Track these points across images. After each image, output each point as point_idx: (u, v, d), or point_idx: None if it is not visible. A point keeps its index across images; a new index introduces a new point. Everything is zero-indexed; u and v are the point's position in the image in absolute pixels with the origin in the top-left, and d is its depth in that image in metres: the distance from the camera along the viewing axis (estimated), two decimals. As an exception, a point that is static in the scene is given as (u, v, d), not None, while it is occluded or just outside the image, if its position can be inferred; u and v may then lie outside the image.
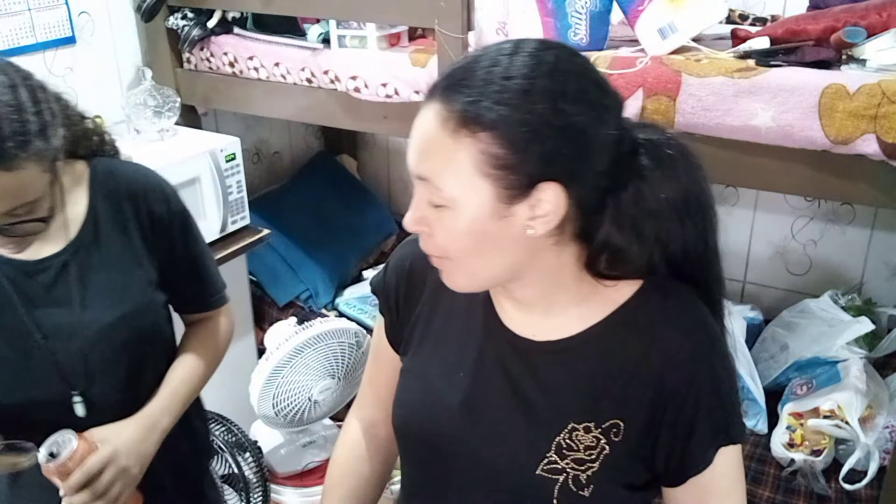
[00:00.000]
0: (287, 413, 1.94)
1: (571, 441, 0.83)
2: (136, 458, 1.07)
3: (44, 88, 0.98)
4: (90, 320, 1.07)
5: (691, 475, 0.84)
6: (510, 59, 0.74)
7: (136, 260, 1.12)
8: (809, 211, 2.26)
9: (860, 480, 1.67)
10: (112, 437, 1.06)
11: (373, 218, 2.80)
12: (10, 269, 1.05)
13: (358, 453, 1.08)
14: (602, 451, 0.83)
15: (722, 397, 0.83)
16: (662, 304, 0.84)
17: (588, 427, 0.83)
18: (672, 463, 0.84)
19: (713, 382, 0.82)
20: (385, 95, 1.82)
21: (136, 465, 1.07)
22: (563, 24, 1.62)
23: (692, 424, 0.82)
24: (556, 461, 0.83)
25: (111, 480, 1.03)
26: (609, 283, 0.84)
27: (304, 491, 2.03)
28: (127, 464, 1.05)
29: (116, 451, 1.05)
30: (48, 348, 1.05)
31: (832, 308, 2.05)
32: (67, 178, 1.08)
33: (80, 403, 1.08)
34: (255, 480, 1.76)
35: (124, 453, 1.05)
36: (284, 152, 2.84)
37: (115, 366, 1.10)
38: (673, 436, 0.83)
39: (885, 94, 1.29)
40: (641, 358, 0.82)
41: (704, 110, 1.44)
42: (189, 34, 2.06)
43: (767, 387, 1.97)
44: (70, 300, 1.06)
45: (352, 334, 1.95)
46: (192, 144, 1.98)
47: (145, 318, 1.13)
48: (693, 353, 0.82)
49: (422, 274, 0.95)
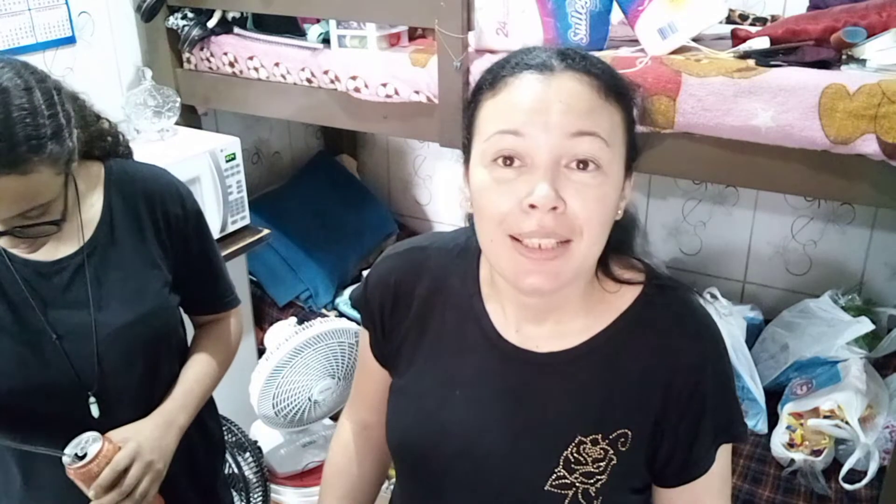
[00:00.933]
0: (287, 413, 1.94)
1: (579, 455, 0.82)
2: (160, 453, 1.07)
3: (59, 90, 0.98)
4: (104, 321, 1.07)
5: (695, 476, 0.84)
6: (587, 52, 0.80)
7: (152, 261, 1.12)
8: (809, 211, 2.26)
9: (860, 480, 1.67)
10: (133, 435, 1.06)
11: (373, 218, 2.80)
12: (27, 269, 1.05)
13: (351, 454, 1.07)
14: (610, 462, 0.82)
15: (726, 397, 0.84)
16: (666, 309, 0.84)
17: (595, 439, 0.82)
18: (674, 463, 0.83)
19: (718, 383, 0.83)
20: (385, 95, 1.82)
21: (160, 461, 1.07)
22: (563, 24, 1.62)
23: (698, 425, 0.82)
24: (565, 476, 0.82)
25: (138, 476, 1.03)
26: (613, 287, 0.84)
27: (304, 491, 2.03)
28: (152, 458, 1.05)
29: (140, 447, 1.04)
30: (63, 349, 1.05)
31: (832, 308, 2.05)
32: (82, 179, 1.08)
33: (94, 404, 1.08)
34: (255, 480, 1.76)
35: (147, 449, 1.05)
36: (284, 152, 2.84)
37: (129, 367, 1.10)
38: (677, 437, 0.82)
39: (885, 94, 1.29)
40: (647, 364, 0.82)
41: (704, 110, 1.44)
42: (189, 34, 2.06)
43: (767, 387, 1.97)
44: (85, 301, 1.06)
45: (352, 334, 1.95)
46: (192, 144, 1.98)
47: (159, 319, 1.13)
48: (700, 356, 0.82)
49: (409, 288, 0.92)
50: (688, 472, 0.84)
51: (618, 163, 0.76)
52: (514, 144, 0.73)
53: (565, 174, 0.73)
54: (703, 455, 0.83)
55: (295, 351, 1.86)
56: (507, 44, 1.66)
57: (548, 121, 0.72)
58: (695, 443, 0.82)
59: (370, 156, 3.02)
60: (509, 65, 0.77)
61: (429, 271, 0.92)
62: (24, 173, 0.90)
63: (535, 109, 0.73)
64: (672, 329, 0.83)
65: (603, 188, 0.74)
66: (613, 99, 0.75)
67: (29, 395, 1.05)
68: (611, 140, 0.74)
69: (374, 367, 0.99)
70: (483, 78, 0.80)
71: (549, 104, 0.72)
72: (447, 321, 0.90)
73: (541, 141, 0.72)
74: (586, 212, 0.73)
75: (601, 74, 0.75)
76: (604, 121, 0.74)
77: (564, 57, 0.76)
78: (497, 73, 0.78)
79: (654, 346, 0.82)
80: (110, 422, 1.08)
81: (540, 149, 0.72)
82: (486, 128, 0.76)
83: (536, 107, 0.73)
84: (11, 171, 0.89)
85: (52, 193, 0.96)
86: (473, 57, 1.68)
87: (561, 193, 0.72)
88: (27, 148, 0.89)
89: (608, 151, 0.74)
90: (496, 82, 0.77)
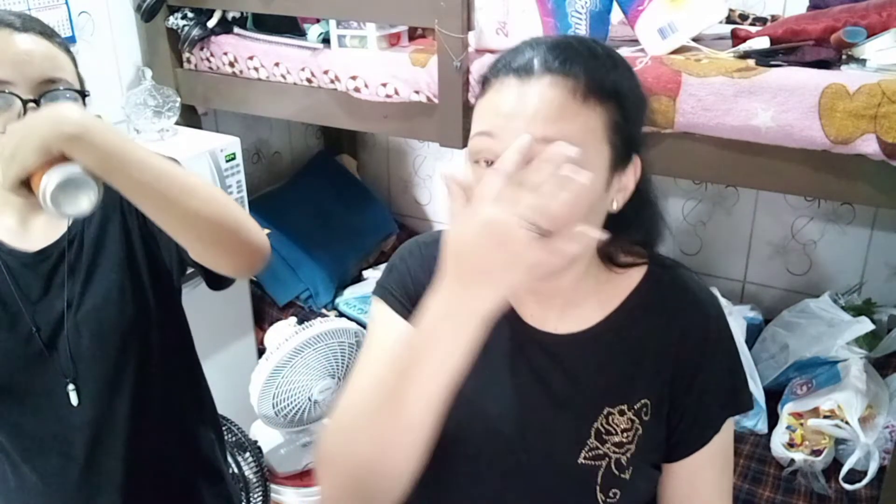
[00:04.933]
0: (287, 413, 1.94)
1: (609, 425, 0.86)
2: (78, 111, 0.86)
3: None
4: (77, 307, 1.07)
5: (702, 444, 0.88)
6: (592, 40, 0.82)
7: (129, 249, 1.11)
8: (809, 211, 2.26)
9: (860, 480, 1.67)
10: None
11: (373, 218, 2.80)
12: (12, 259, 1.06)
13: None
14: (637, 432, 0.86)
15: (731, 366, 0.89)
16: (671, 285, 0.89)
17: (622, 409, 0.86)
18: (683, 431, 0.87)
19: (723, 353, 0.88)
20: (385, 95, 1.82)
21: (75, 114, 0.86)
22: (563, 24, 1.62)
23: (705, 392, 0.87)
24: (598, 446, 0.85)
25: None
26: (620, 270, 0.89)
27: (304, 491, 2.03)
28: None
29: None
30: (40, 338, 1.06)
31: (832, 308, 2.05)
32: None
33: (73, 391, 1.08)
34: (255, 480, 1.76)
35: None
36: (284, 152, 2.84)
37: (103, 354, 1.09)
38: (685, 407, 0.87)
39: (885, 94, 1.29)
40: (659, 337, 0.87)
41: (704, 110, 1.44)
42: (189, 34, 2.06)
43: (767, 387, 1.97)
44: (61, 291, 1.07)
45: (352, 334, 1.96)
46: (192, 144, 1.98)
47: (132, 307, 1.10)
48: (705, 327, 0.88)
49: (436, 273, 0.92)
50: (693, 443, 0.88)
51: (596, 164, 0.76)
52: (489, 145, 0.76)
53: None
54: (707, 425, 0.88)
55: (295, 351, 1.87)
56: (507, 44, 1.65)
57: (517, 126, 0.74)
58: (699, 413, 0.87)
59: (370, 156, 3.02)
60: (497, 66, 0.80)
61: None
62: (50, 37, 0.98)
63: (508, 114, 0.76)
64: (678, 304, 0.88)
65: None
66: (594, 100, 0.76)
67: (15, 385, 1.06)
68: (584, 142, 0.74)
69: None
70: (481, 76, 0.83)
71: (520, 109, 0.75)
72: None
73: (511, 144, 0.74)
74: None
75: (580, 74, 0.76)
76: (574, 126, 0.75)
77: (548, 57, 0.77)
78: (487, 74, 0.81)
79: (663, 320, 0.87)
80: (88, 410, 1.08)
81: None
82: (473, 127, 0.80)
83: (509, 111, 0.76)
84: (41, 33, 0.97)
85: (73, 78, 1.00)
86: (473, 57, 1.68)
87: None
88: (48, 30, 1.00)
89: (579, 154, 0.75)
90: (486, 83, 0.81)
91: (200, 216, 0.91)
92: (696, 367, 0.86)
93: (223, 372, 1.31)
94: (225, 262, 1.00)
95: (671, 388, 0.86)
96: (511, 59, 0.79)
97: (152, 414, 1.14)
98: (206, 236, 0.94)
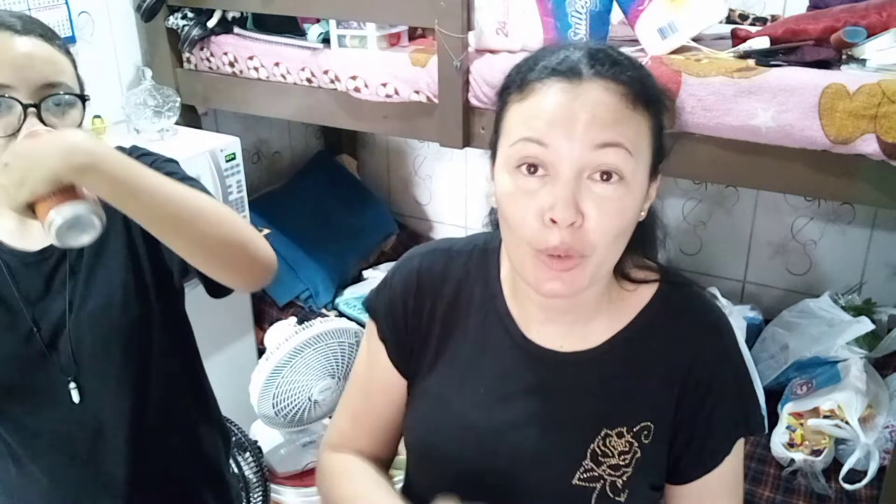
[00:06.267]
0: (287, 413, 1.94)
1: (606, 447, 0.83)
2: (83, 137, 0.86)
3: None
4: (79, 307, 1.07)
5: (712, 466, 0.85)
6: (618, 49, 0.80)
7: (132, 248, 1.10)
8: (809, 211, 2.26)
9: (860, 480, 1.67)
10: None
11: (373, 218, 2.80)
12: (13, 259, 1.06)
13: (349, 461, 0.96)
14: (635, 455, 0.84)
15: (742, 389, 0.86)
16: (682, 305, 0.87)
17: (620, 432, 0.84)
18: (692, 453, 0.85)
19: (735, 375, 0.86)
20: (385, 95, 1.82)
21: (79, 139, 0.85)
22: (563, 24, 1.62)
23: (715, 414, 0.84)
24: (593, 468, 0.83)
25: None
26: (631, 286, 0.86)
27: (304, 491, 2.03)
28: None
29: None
30: (42, 338, 1.06)
31: (832, 308, 2.05)
32: None
33: (75, 390, 1.08)
34: (255, 480, 1.76)
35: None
36: (284, 152, 2.84)
37: (106, 353, 1.09)
38: (695, 429, 0.84)
39: (885, 94, 1.29)
40: (668, 358, 0.84)
41: (704, 110, 1.44)
42: (189, 34, 2.06)
43: (767, 387, 1.97)
44: (62, 290, 1.07)
45: (352, 334, 1.96)
46: (192, 144, 1.98)
47: (135, 307, 1.10)
48: (716, 349, 0.85)
49: (433, 289, 0.91)
50: (702, 466, 0.86)
51: (642, 171, 0.76)
52: (537, 153, 0.73)
53: (587, 185, 0.73)
54: (718, 448, 0.85)
55: (295, 351, 1.87)
56: (507, 44, 1.66)
57: (572, 132, 0.72)
58: (709, 436, 0.85)
59: (370, 156, 3.02)
60: (538, 67, 0.76)
61: (452, 273, 0.92)
62: (51, 40, 0.97)
63: (560, 119, 0.73)
64: (690, 324, 0.86)
65: (623, 201, 0.74)
66: (642, 107, 0.75)
67: (15, 384, 1.06)
68: (635, 149, 0.74)
69: (384, 388, 0.95)
70: (511, 78, 0.80)
71: (574, 114, 0.72)
72: (471, 322, 0.90)
73: (564, 151, 0.72)
74: (602, 227, 0.74)
75: (630, 82, 0.75)
76: (629, 130, 0.74)
77: (594, 62, 0.75)
78: (525, 76, 0.77)
79: (673, 341, 0.85)
80: (90, 408, 1.07)
81: (563, 160, 0.73)
82: (511, 132, 0.76)
83: (562, 117, 0.73)
84: (42, 36, 0.96)
85: (73, 81, 0.98)
86: (473, 57, 1.68)
87: (581, 205, 0.73)
88: (50, 33, 0.98)
89: (632, 161, 0.74)
90: (524, 86, 0.77)
91: (210, 238, 0.91)
92: (706, 388, 0.84)
93: (223, 372, 1.31)
94: (233, 278, 1.00)
95: (678, 409, 0.84)
96: (553, 61, 0.76)
97: (154, 413, 1.14)
98: (216, 256, 0.94)
